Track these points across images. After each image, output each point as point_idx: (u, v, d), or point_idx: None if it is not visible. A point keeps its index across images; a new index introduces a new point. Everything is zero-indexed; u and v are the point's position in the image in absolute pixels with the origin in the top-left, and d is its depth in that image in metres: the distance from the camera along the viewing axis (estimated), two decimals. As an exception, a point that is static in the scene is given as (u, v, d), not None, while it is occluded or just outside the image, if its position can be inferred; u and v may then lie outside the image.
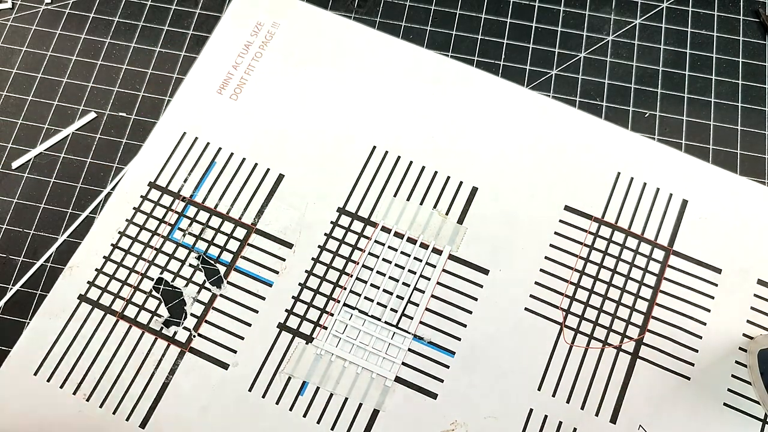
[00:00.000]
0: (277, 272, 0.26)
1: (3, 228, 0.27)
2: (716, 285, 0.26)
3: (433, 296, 0.25)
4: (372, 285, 0.25)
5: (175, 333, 0.25)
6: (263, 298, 0.25)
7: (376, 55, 0.29)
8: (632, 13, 0.31)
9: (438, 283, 0.25)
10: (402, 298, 0.25)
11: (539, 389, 0.24)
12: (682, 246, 0.26)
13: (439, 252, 0.26)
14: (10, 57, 0.30)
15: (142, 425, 0.23)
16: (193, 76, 0.29)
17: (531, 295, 0.25)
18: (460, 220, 0.26)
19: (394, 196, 0.27)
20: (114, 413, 0.23)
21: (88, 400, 0.24)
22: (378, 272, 0.26)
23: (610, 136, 0.28)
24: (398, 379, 0.24)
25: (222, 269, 0.26)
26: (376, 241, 0.26)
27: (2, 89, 0.29)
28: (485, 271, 0.26)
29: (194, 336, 0.25)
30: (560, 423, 0.24)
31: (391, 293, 0.25)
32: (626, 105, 0.29)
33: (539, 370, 0.24)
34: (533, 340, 0.25)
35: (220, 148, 0.27)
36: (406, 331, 0.25)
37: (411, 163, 0.27)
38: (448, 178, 0.27)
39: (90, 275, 0.26)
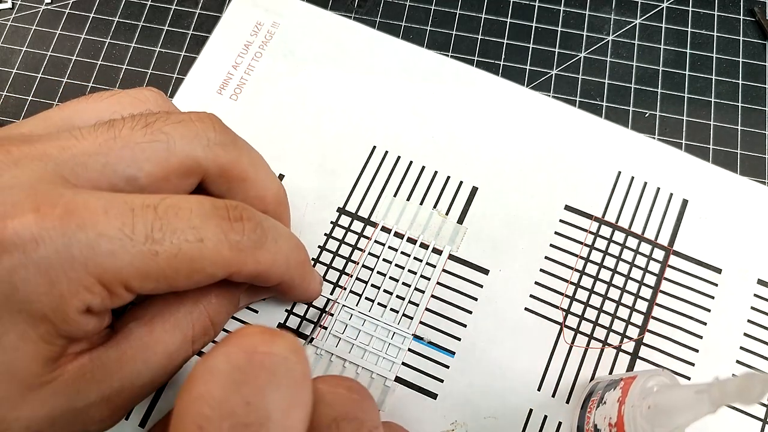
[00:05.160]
0: (277, 272, 0.26)
1: (3, 228, 0.27)
2: (716, 285, 0.26)
3: (433, 296, 0.25)
4: (372, 285, 0.25)
5: (175, 333, 0.25)
6: (263, 298, 0.25)
7: (376, 55, 0.29)
8: (632, 13, 0.31)
9: (438, 283, 0.25)
10: (402, 298, 0.25)
11: (539, 389, 0.24)
12: (682, 246, 0.26)
13: (439, 252, 0.26)
14: (10, 57, 0.30)
15: (142, 424, 0.23)
16: (193, 77, 0.29)
17: (531, 295, 0.25)
18: (460, 220, 0.26)
19: (394, 196, 0.27)
20: (114, 413, 0.23)
21: (87, 400, 0.24)
22: (378, 272, 0.26)
23: (610, 135, 0.28)
24: (398, 379, 0.24)
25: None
26: (376, 241, 0.26)
27: (2, 89, 0.29)
28: (485, 271, 0.26)
29: (194, 336, 0.25)
30: (560, 423, 0.24)
31: (391, 293, 0.25)
32: (626, 105, 0.29)
33: (539, 370, 0.24)
34: (533, 340, 0.25)
35: (220, 148, 0.27)
36: (406, 331, 0.25)
37: (411, 163, 0.27)
38: (448, 178, 0.27)
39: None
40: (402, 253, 0.26)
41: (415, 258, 0.26)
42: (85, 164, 0.16)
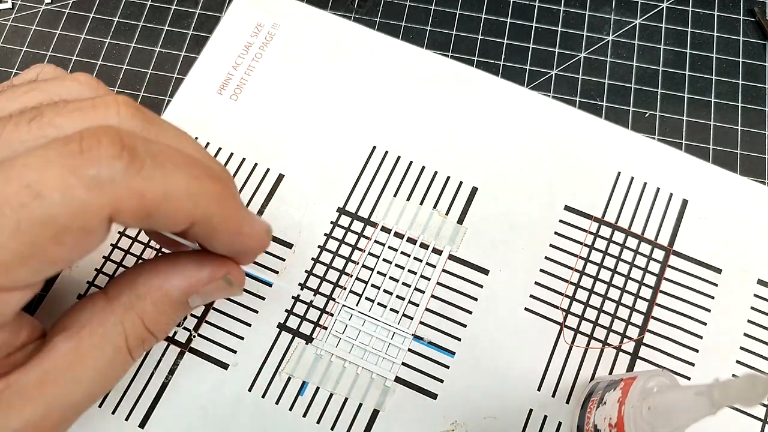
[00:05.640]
0: (277, 272, 0.26)
1: (3, 228, 0.27)
2: (716, 285, 0.26)
3: (433, 296, 0.25)
4: (372, 285, 0.25)
5: (175, 333, 0.25)
6: (263, 298, 0.25)
7: (376, 55, 0.29)
8: (632, 13, 0.31)
9: (438, 283, 0.25)
10: (402, 299, 0.25)
11: (539, 389, 0.24)
12: (682, 246, 0.26)
13: (439, 252, 0.26)
14: (10, 57, 0.30)
15: (141, 425, 0.23)
16: (193, 77, 0.29)
17: (531, 295, 0.25)
18: (460, 220, 0.26)
19: (394, 196, 0.27)
20: (113, 413, 0.23)
21: (87, 400, 0.24)
22: (378, 272, 0.26)
23: (610, 136, 0.28)
24: (398, 379, 0.24)
25: (222, 269, 0.25)
26: (376, 241, 0.26)
27: (2, 89, 0.29)
28: (485, 271, 0.26)
29: (194, 336, 0.25)
30: (560, 423, 0.24)
31: (391, 293, 0.25)
32: (626, 105, 0.29)
33: (539, 370, 0.24)
34: (533, 340, 0.25)
35: (219, 148, 0.27)
36: (406, 332, 0.25)
37: (411, 163, 0.27)
38: (448, 178, 0.27)
39: (90, 275, 0.26)
40: (402, 253, 0.26)
41: (415, 258, 0.26)
42: None
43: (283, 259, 0.26)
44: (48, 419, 0.16)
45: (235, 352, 0.24)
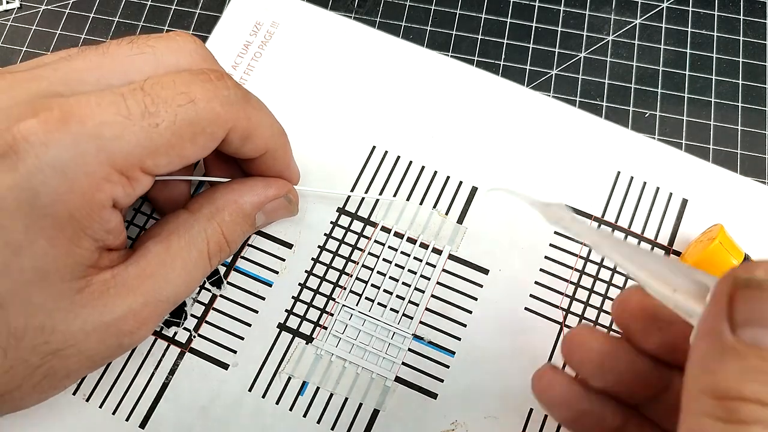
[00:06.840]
0: (277, 272, 0.26)
1: (3, 228, 0.27)
2: (716, 285, 0.25)
3: (432, 296, 0.25)
4: (372, 285, 0.25)
5: (176, 333, 0.25)
6: (263, 299, 0.25)
7: (376, 55, 0.29)
8: (632, 13, 0.31)
9: (438, 282, 0.25)
10: (402, 298, 0.25)
11: (539, 389, 0.24)
12: (682, 245, 0.26)
13: (438, 252, 0.26)
14: (10, 57, 0.30)
15: (142, 425, 0.23)
16: (193, 76, 0.29)
17: (531, 295, 0.25)
18: (460, 220, 0.26)
19: (394, 196, 0.27)
20: (113, 413, 0.23)
21: (87, 400, 0.24)
22: (378, 272, 0.26)
23: (610, 135, 0.28)
24: (398, 379, 0.24)
25: (222, 269, 0.26)
26: (375, 241, 0.26)
27: (2, 89, 0.29)
28: (485, 271, 0.26)
29: (194, 336, 0.25)
30: (560, 423, 0.24)
31: (391, 293, 0.25)
32: (626, 105, 0.29)
33: (539, 370, 0.24)
34: (533, 340, 0.25)
35: (220, 148, 0.27)
36: (406, 331, 0.25)
37: (411, 163, 0.27)
38: (448, 177, 0.27)
39: (90, 275, 0.25)
40: (402, 252, 0.26)
41: (414, 258, 0.26)
42: (80, 79, 0.18)
43: (283, 259, 0.26)
44: (144, 310, 0.19)
45: (235, 352, 0.24)
